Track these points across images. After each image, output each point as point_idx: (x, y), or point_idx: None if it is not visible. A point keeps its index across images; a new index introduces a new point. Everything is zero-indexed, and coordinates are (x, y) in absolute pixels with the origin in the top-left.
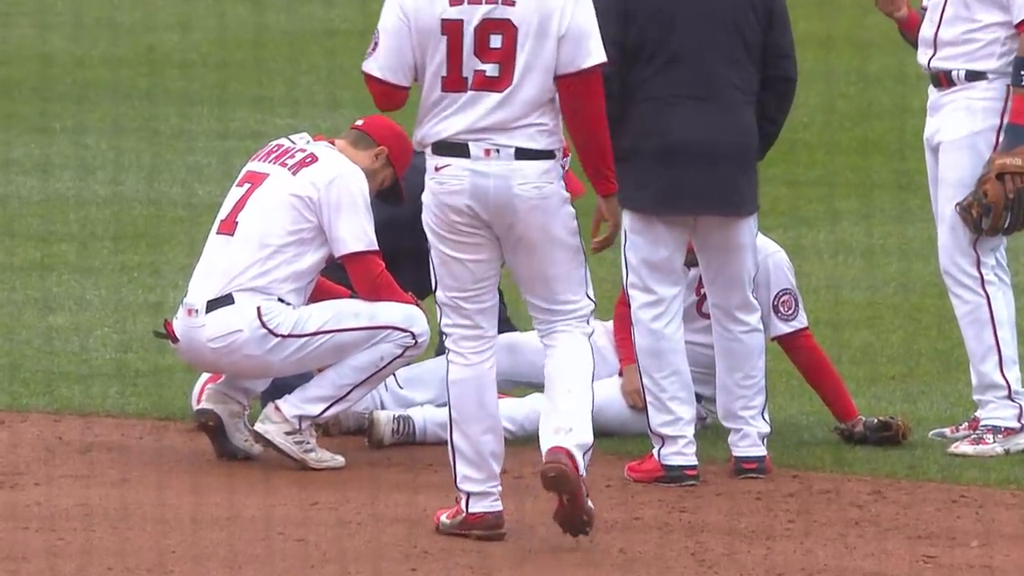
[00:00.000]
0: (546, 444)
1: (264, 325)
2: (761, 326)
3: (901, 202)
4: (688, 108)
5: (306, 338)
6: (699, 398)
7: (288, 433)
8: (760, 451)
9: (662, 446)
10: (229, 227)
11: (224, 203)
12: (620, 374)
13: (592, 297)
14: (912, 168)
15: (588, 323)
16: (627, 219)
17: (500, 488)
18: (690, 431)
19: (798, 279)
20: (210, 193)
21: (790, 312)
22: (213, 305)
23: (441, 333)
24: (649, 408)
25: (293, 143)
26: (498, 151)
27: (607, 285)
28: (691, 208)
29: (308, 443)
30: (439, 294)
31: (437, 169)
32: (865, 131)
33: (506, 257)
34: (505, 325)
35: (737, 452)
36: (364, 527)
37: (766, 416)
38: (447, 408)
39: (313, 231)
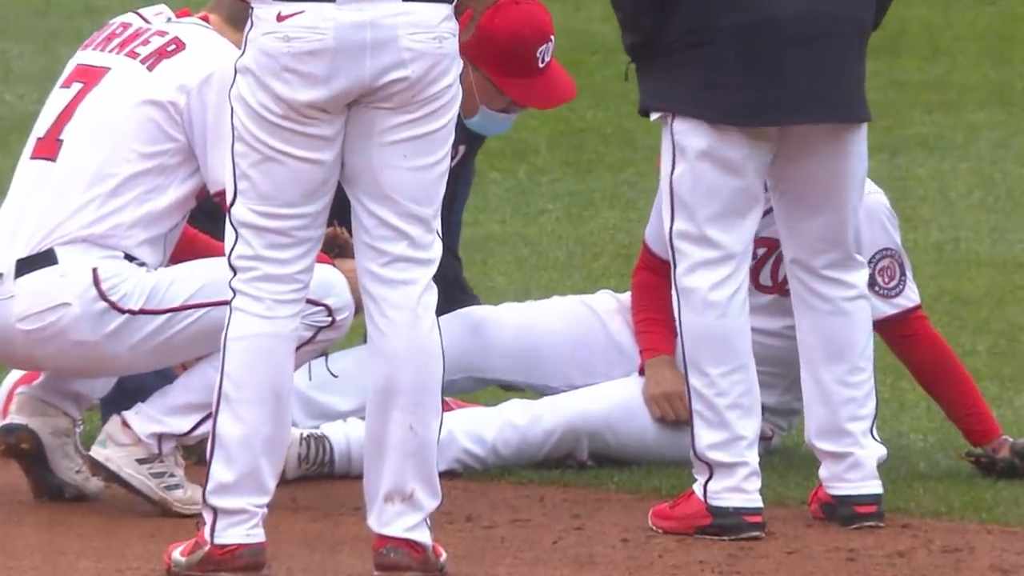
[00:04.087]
0: (375, 518)
1: (103, 296)
2: (867, 292)
3: None
4: None
5: (167, 315)
6: (761, 409)
7: (141, 461)
8: (878, 486)
9: (710, 478)
10: (49, 149)
11: (42, 113)
12: (640, 372)
13: (440, 235)
14: None
15: (433, 289)
16: (684, 134)
17: (266, 511)
18: (753, 457)
19: (905, 233)
20: (23, 99)
21: (893, 284)
22: (25, 266)
23: (231, 268)
24: (696, 421)
25: (147, 22)
26: None
27: (624, 236)
28: (795, 113)
29: (172, 475)
30: (238, 209)
31: (281, 18)
32: (1010, 7)
33: (353, 149)
34: (460, 293)
35: (841, 489)
36: None
37: (875, 433)
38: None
39: (178, 154)
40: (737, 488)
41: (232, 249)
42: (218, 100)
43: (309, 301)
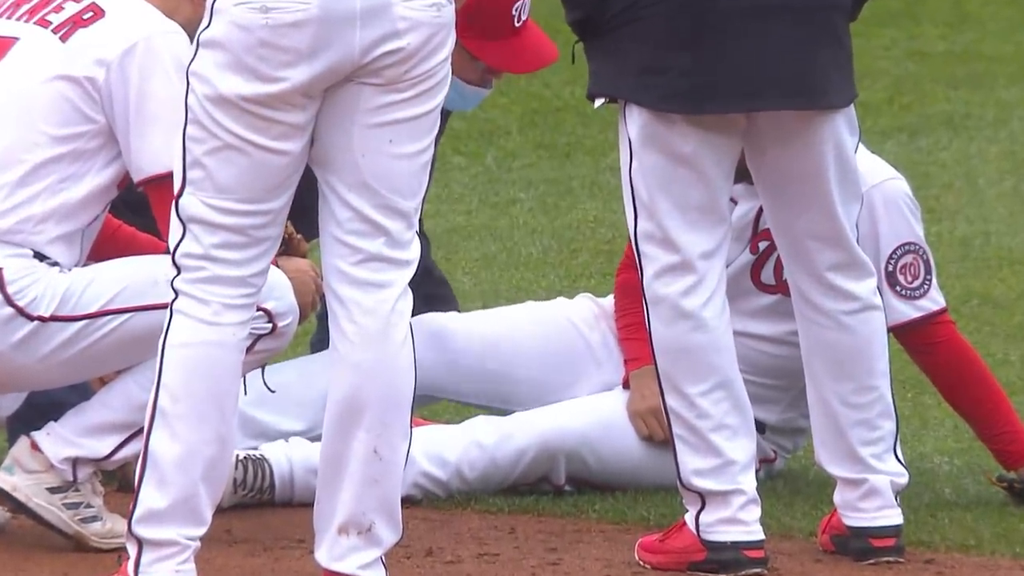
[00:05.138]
0: (326, 551)
1: (9, 300)
2: (879, 300)
3: None
4: None
5: (83, 322)
6: (760, 427)
7: (53, 490)
8: (897, 516)
9: (702, 508)
10: None
11: None
12: (625, 385)
13: (419, 233)
14: None
15: (408, 296)
16: (633, 123)
17: (199, 544)
18: (750, 483)
19: (927, 226)
20: None
21: (917, 283)
22: None
23: (175, 266)
24: (678, 445)
25: None
26: None
27: (606, 230)
28: (748, 99)
29: (88, 506)
30: (189, 201)
31: None
32: None
33: (331, 129)
34: (433, 287)
35: (855, 520)
36: None
37: (900, 454)
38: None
39: (97, 137)
40: (733, 519)
41: (178, 245)
42: (142, 74)
43: None
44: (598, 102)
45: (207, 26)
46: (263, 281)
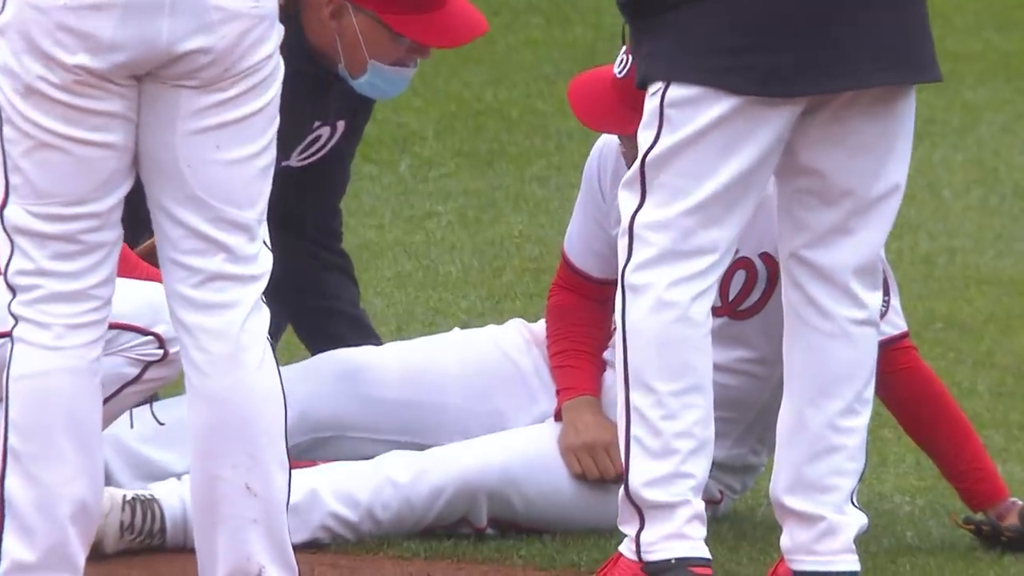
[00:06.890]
0: None
1: None
2: (878, 319)
3: None
4: None
5: None
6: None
7: None
8: (854, 562)
9: (641, 527)
10: None
11: None
12: (557, 417)
13: (269, 245)
14: None
15: (263, 303)
16: (685, 103)
17: None
18: (699, 501)
19: (888, 241)
20: None
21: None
22: None
23: (9, 287)
24: (633, 449)
25: None
26: None
27: (533, 246)
28: (850, 76)
29: None
30: (13, 211)
31: None
32: None
33: (153, 140)
34: (350, 330)
35: (808, 564)
36: None
37: (856, 499)
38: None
39: None
40: (679, 534)
41: (8, 263)
42: None
43: (135, 329)
44: (653, 87)
45: (1, 10)
46: (109, 292)
